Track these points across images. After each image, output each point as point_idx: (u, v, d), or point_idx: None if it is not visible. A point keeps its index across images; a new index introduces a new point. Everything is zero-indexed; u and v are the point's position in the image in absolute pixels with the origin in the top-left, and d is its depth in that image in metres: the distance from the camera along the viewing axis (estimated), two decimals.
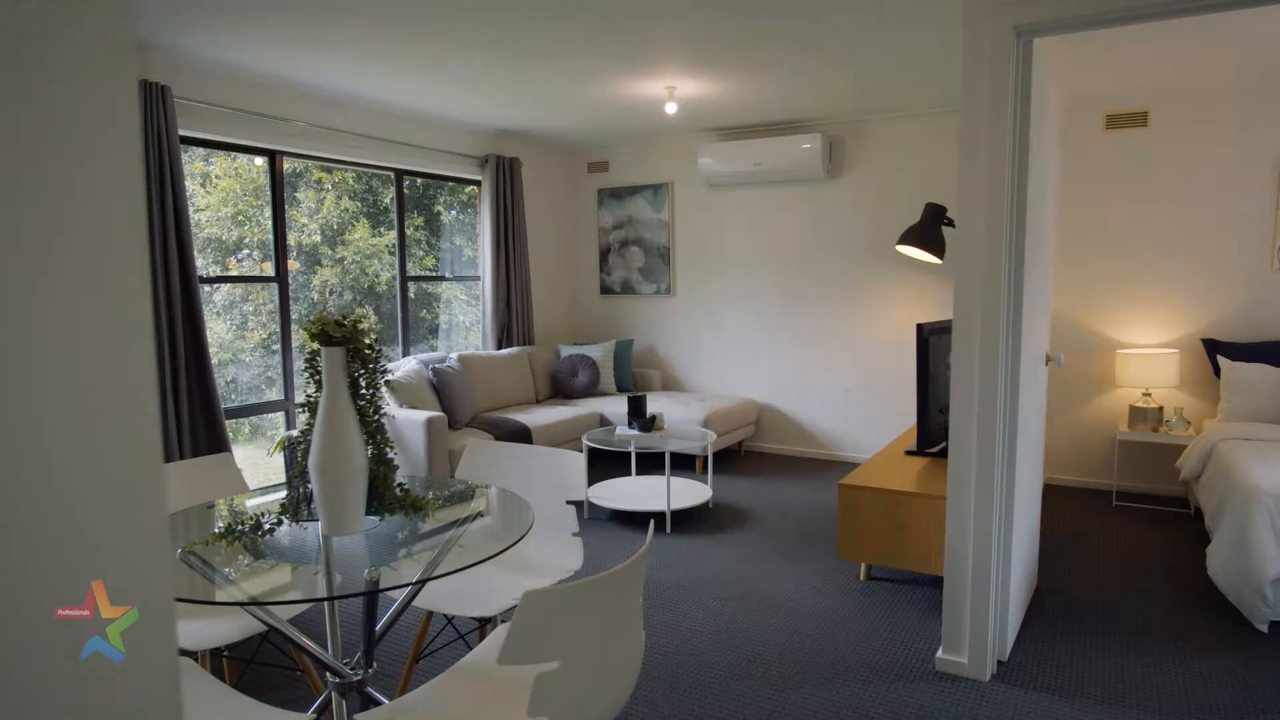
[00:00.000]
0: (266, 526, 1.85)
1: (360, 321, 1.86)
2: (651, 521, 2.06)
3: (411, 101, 5.07)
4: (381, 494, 1.91)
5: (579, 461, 2.43)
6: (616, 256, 6.73)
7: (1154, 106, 4.74)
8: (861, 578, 3.57)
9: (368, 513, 1.94)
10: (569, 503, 2.45)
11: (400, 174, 5.61)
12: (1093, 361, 5.01)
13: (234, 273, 4.86)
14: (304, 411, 1.89)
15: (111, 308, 0.63)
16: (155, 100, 3.89)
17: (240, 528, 1.82)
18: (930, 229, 4.97)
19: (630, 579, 1.55)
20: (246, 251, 5.04)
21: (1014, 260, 2.65)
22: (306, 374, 1.90)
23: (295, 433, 4.34)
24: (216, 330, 4.90)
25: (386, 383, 4.66)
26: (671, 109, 4.86)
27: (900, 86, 4.73)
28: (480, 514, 2.13)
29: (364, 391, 1.88)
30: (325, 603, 1.88)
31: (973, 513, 2.75)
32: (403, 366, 4.97)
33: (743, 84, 4.63)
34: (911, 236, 4.97)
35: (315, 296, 5.63)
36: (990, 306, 2.64)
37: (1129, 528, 4.32)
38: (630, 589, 1.58)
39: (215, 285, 4.74)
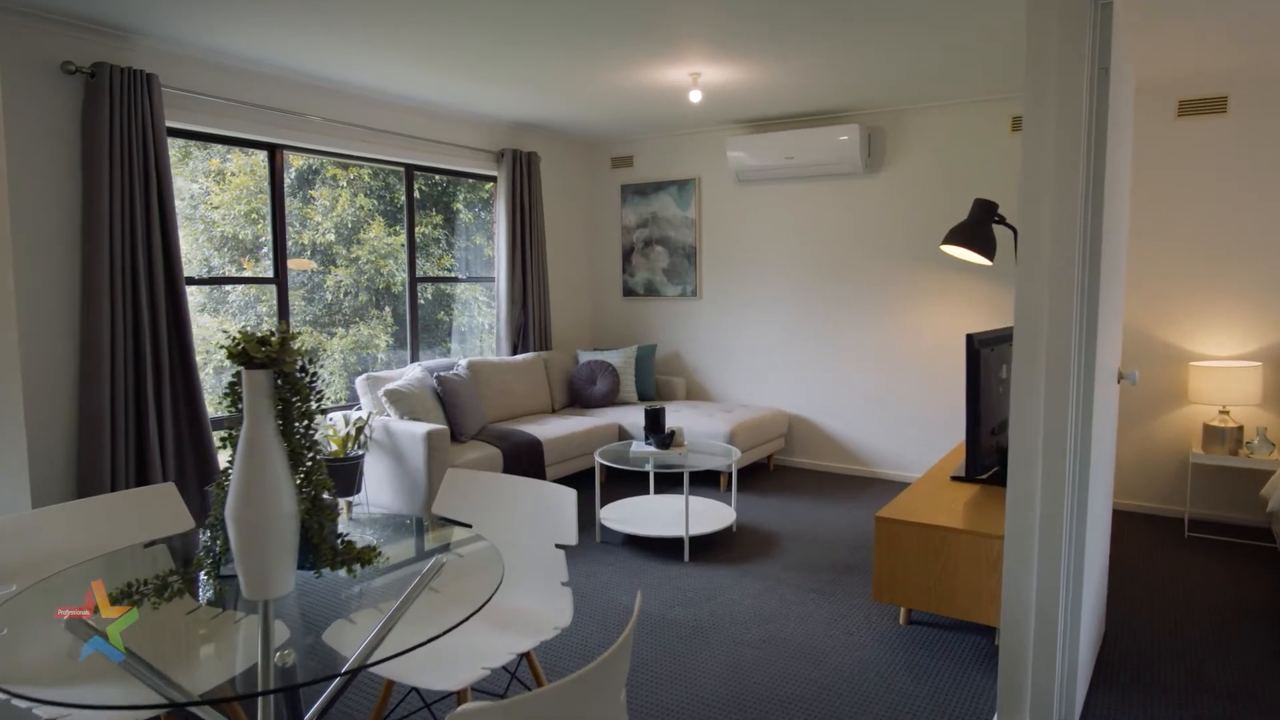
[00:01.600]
0: (173, 588, 1.52)
1: (291, 338, 1.53)
2: (639, 595, 1.70)
3: (422, 92, 4.77)
4: (317, 547, 1.58)
5: (569, 499, 2.08)
6: (640, 256, 6.38)
7: (1234, 91, 4.24)
8: (901, 621, 3.17)
9: (303, 566, 1.61)
10: (558, 546, 2.10)
11: (411, 169, 5.32)
12: (1162, 375, 4.52)
13: (249, 273, 4.62)
14: (224, 447, 1.56)
15: None
16: (139, 89, 3.62)
17: (141, 589, 1.51)
18: (979, 227, 4.52)
19: (604, 681, 1.19)
20: (266, 250, 4.83)
21: (1088, 263, 2.24)
22: (226, 402, 1.58)
23: None
24: (230, 332, 4.65)
25: (387, 393, 4.37)
26: (696, 97, 4.49)
27: (947, 70, 4.30)
28: (442, 565, 1.78)
29: (297, 425, 1.55)
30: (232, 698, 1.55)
31: (1036, 556, 2.35)
32: (406, 374, 4.67)
33: (773, 70, 4.24)
34: (958, 236, 4.52)
35: (330, 298, 5.38)
36: (1060, 317, 2.23)
37: (1205, 563, 3.85)
38: (606, 693, 1.22)
39: (229, 286, 4.51)
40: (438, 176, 5.70)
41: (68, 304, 3.56)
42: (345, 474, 4.00)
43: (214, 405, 4.34)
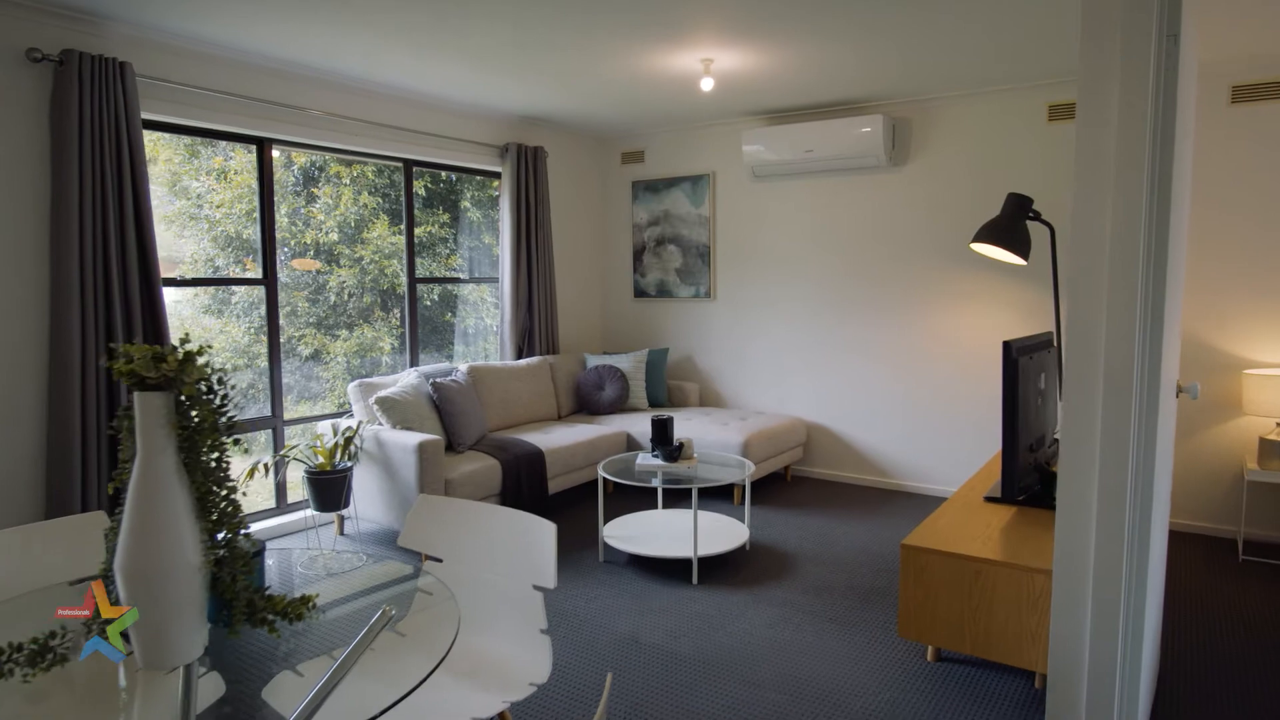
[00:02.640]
0: (53, 655, 1.27)
1: (199, 353, 1.27)
2: (610, 678, 1.43)
3: (420, 83, 4.53)
4: (230, 603, 1.32)
5: (548, 535, 1.81)
6: (651, 256, 6.10)
7: None
8: (929, 657, 2.87)
9: (216, 621, 1.35)
10: (536, 588, 1.83)
11: (410, 165, 5.07)
12: (1213, 383, 4.17)
13: (251, 273, 4.42)
14: (114, 484, 1.31)
15: None
16: (111, 78, 3.40)
17: (14, 656, 1.25)
18: (1012, 224, 4.20)
19: None
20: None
21: (1153, 264, 1.93)
22: (120, 424, 1.32)
23: (268, 459, 3.84)
24: (232, 334, 4.49)
25: (378, 400, 4.12)
26: (708, 85, 4.20)
27: (978, 55, 3.98)
28: (391, 617, 1.52)
29: (205, 458, 1.29)
30: None
31: (1090, 594, 2.05)
32: (401, 380, 4.42)
33: (789, 56, 3.95)
34: (990, 233, 4.20)
35: (333, 299, 5.17)
36: (1121, 323, 1.93)
37: (1263, 590, 3.50)
38: None
39: (230, 287, 4.31)
40: (444, 174, 5.47)
41: (36, 308, 3.34)
42: (332, 487, 3.76)
43: None
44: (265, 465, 3.59)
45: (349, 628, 1.53)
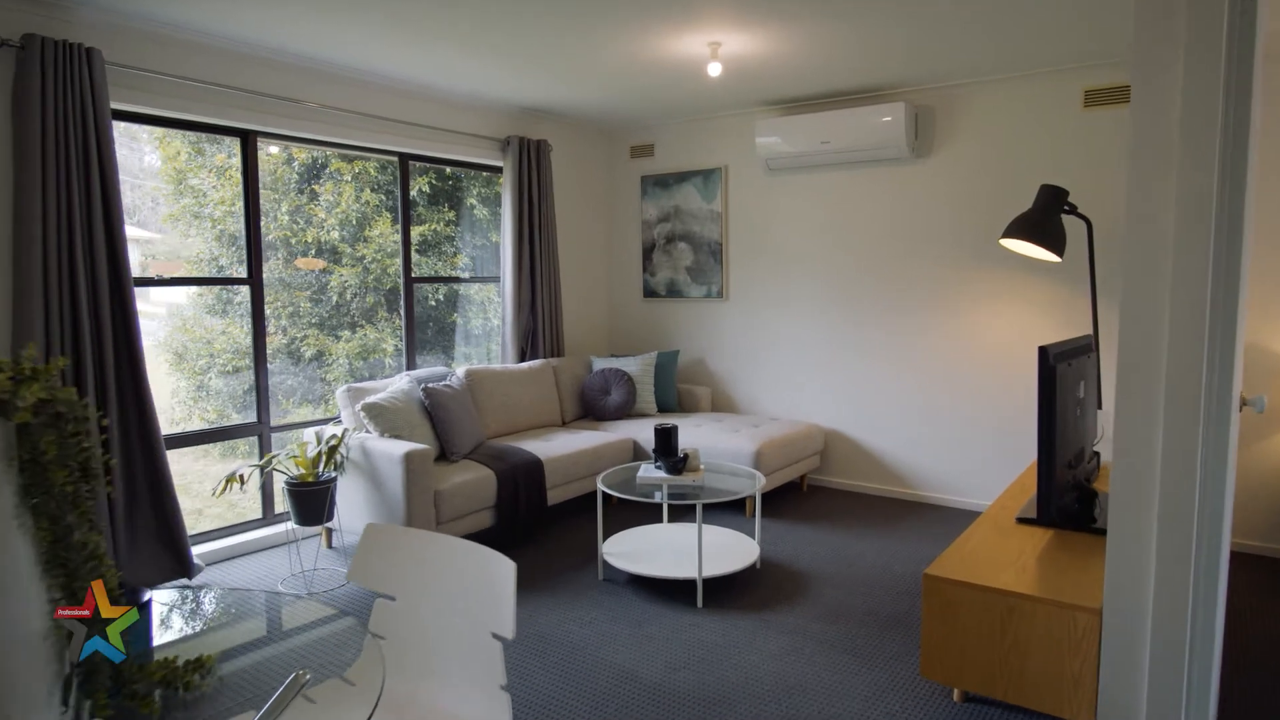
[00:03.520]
0: None
1: (43, 373, 1.02)
2: None
3: (415, 72, 4.30)
4: (91, 679, 1.08)
5: (507, 576, 1.55)
6: (661, 254, 5.83)
7: None
8: (956, 698, 2.58)
9: (75, 700, 1.11)
10: (495, 636, 1.57)
11: (405, 159, 4.85)
12: (1268, 389, 3.84)
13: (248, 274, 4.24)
14: None
15: None
16: (77, 66, 3.19)
17: None
18: (1046, 219, 3.88)
19: None
20: (275, 248, 4.45)
21: (1224, 263, 1.64)
22: None
23: (244, 470, 3.62)
24: (234, 334, 4.32)
25: (365, 407, 3.89)
26: (715, 70, 3.93)
27: (1008, 36, 3.68)
28: (305, 681, 1.27)
29: (54, 500, 1.04)
30: None
31: (1149, 637, 1.77)
32: (392, 385, 4.19)
33: (803, 39, 3.67)
34: (1021, 228, 3.89)
35: (335, 299, 4.98)
36: (1186, 329, 1.64)
37: None
38: None
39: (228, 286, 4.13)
40: (449, 170, 5.25)
41: None
42: (313, 500, 3.54)
43: (171, 423, 3.94)
44: (241, 476, 3.37)
45: (262, 688, 1.29)
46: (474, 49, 3.84)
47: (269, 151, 4.68)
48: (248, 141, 4.07)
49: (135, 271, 3.52)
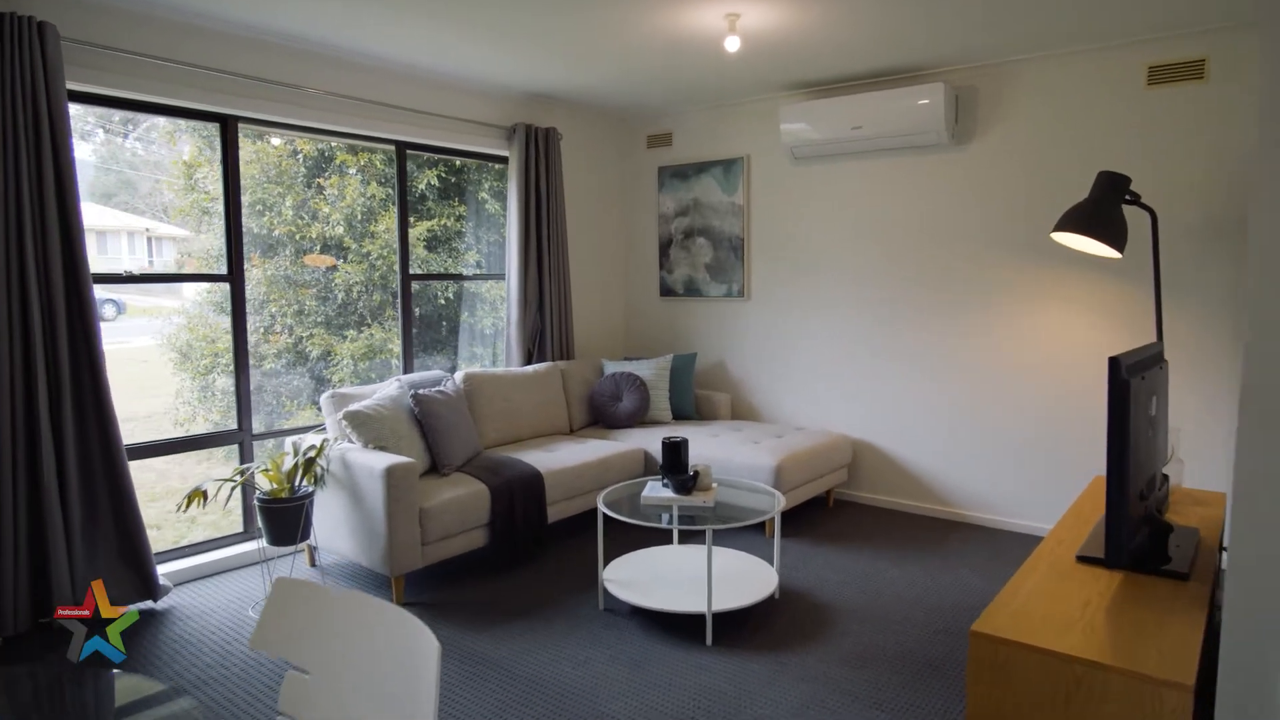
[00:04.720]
0: None
1: None
2: None
3: (412, 54, 3.98)
4: None
5: (428, 654, 1.20)
6: (679, 250, 5.46)
7: None
8: None
9: None
10: None
11: (402, 147, 4.53)
12: None
13: (255, 269, 3.96)
14: None
15: None
16: (28, 41, 2.91)
17: None
18: (1105, 210, 3.44)
19: None
20: (283, 245, 4.20)
21: None
22: None
23: (212, 483, 3.31)
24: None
25: (346, 415, 3.58)
26: (733, 45, 3.55)
27: (1060, 7, 3.25)
28: None
29: None
30: None
31: None
32: (379, 391, 3.87)
33: (830, 11, 3.28)
34: (1076, 220, 3.45)
35: (340, 297, 4.72)
36: None
37: None
38: None
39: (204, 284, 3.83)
40: (459, 162, 4.93)
41: None
42: (286, 518, 3.23)
43: (175, 424, 3.67)
44: (205, 493, 3.06)
45: None
46: (474, 27, 3.50)
47: (271, 144, 4.42)
48: (227, 127, 3.77)
49: (170, 268, 3.25)
